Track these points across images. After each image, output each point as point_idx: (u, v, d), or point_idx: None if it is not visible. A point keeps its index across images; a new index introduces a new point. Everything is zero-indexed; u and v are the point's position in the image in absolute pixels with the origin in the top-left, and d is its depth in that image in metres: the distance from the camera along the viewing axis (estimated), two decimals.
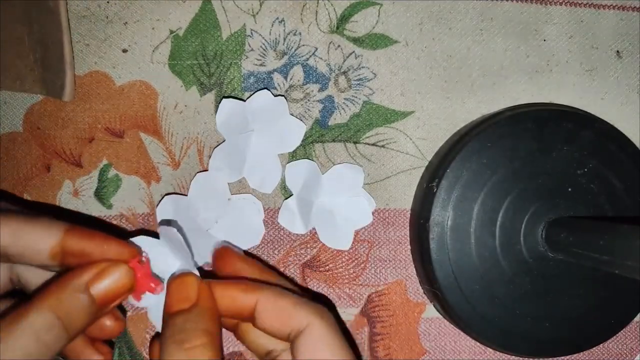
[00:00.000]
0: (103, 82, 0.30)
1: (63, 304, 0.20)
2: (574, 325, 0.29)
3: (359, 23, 0.31)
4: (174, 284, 0.22)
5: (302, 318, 0.22)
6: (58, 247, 0.21)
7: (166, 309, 0.22)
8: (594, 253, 0.24)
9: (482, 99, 0.32)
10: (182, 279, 0.22)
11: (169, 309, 0.21)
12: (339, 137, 0.31)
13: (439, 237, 0.28)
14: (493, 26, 0.32)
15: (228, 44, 0.31)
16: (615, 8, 0.33)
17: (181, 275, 0.22)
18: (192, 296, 0.22)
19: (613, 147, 0.29)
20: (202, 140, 0.31)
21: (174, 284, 0.22)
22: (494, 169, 0.28)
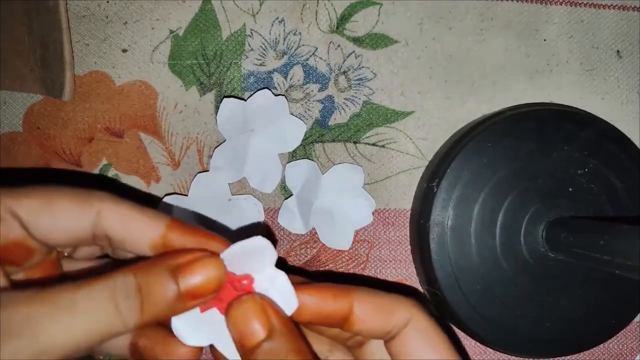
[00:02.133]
0: (103, 82, 0.30)
1: (147, 276, 0.18)
2: (575, 326, 0.29)
3: (359, 23, 0.31)
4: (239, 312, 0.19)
5: (405, 311, 0.21)
6: (160, 240, 0.20)
7: (241, 343, 0.19)
8: (594, 253, 0.24)
9: (483, 99, 0.32)
10: (246, 305, 0.19)
11: (245, 342, 0.19)
12: (339, 137, 0.31)
13: (439, 237, 0.28)
14: (493, 26, 0.32)
15: (228, 44, 0.31)
16: (616, 8, 0.33)
17: (243, 301, 0.19)
18: (267, 322, 0.19)
19: (613, 147, 0.29)
20: (202, 140, 0.31)
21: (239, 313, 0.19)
22: (494, 169, 0.28)
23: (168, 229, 0.20)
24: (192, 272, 0.19)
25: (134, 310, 0.17)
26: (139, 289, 0.18)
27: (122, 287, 0.17)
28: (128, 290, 0.17)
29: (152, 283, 0.18)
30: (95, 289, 0.17)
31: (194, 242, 0.20)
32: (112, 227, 0.19)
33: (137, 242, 0.20)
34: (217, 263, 0.19)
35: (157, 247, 0.20)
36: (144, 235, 0.20)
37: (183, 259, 0.19)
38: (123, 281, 0.17)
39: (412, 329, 0.21)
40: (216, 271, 0.19)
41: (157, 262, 0.19)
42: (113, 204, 0.20)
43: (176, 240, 0.20)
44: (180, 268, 0.18)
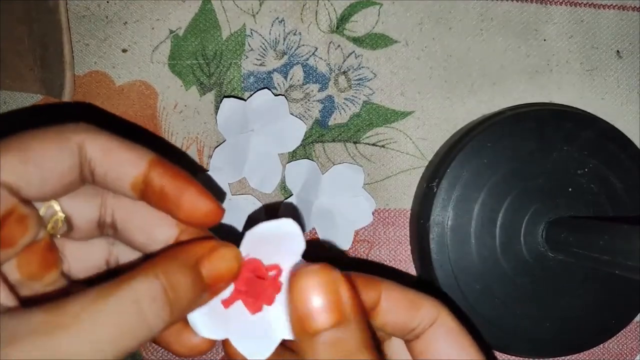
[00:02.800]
0: (103, 82, 0.30)
1: (171, 276, 0.16)
2: (574, 325, 0.29)
3: (358, 23, 0.31)
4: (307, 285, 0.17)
5: (432, 309, 0.20)
6: (141, 177, 0.18)
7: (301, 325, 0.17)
8: (594, 253, 0.24)
9: (482, 99, 0.32)
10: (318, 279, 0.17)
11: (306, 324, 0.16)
12: (339, 137, 0.31)
13: (439, 237, 0.28)
14: (493, 26, 0.32)
15: (228, 44, 0.31)
16: (615, 8, 0.33)
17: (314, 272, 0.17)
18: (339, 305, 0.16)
19: (613, 147, 0.29)
20: (202, 140, 0.31)
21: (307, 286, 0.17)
22: (494, 169, 0.28)
23: (151, 166, 0.18)
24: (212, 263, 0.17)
25: (162, 315, 0.16)
26: (165, 292, 0.16)
27: (146, 293, 0.16)
28: (154, 296, 0.16)
29: (178, 284, 0.16)
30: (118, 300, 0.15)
31: (174, 186, 0.18)
32: (95, 159, 0.18)
33: (118, 177, 0.18)
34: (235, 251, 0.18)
35: (137, 185, 0.18)
36: (126, 170, 0.18)
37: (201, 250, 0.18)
38: (148, 287, 0.16)
39: (439, 329, 0.20)
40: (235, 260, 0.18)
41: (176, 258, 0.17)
42: (93, 135, 0.18)
43: (157, 180, 0.18)
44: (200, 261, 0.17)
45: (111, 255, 0.21)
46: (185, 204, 0.18)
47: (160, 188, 0.18)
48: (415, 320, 0.20)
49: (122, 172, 0.18)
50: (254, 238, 0.18)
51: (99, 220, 0.20)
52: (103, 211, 0.20)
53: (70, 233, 0.20)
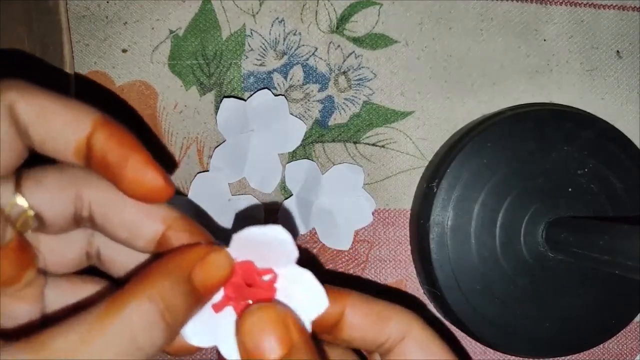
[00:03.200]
0: (102, 82, 0.30)
1: (167, 297, 0.15)
2: (574, 326, 0.29)
3: (358, 23, 0.31)
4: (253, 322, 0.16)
5: (402, 322, 0.19)
6: (84, 141, 0.16)
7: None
8: (594, 253, 0.24)
9: (482, 99, 0.32)
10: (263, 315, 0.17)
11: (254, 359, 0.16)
12: (339, 137, 0.31)
13: (439, 237, 0.28)
14: (493, 26, 0.32)
15: (228, 44, 0.31)
16: (615, 8, 0.33)
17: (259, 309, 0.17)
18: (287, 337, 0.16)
19: (613, 147, 0.29)
20: (202, 140, 0.31)
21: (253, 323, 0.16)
22: (494, 169, 0.28)
23: (95, 127, 0.16)
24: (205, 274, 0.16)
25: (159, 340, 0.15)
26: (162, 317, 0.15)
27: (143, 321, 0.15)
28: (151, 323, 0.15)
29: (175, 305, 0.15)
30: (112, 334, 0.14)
31: (117, 152, 0.16)
32: (31, 123, 0.16)
33: (58, 143, 0.16)
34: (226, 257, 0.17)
35: (80, 151, 0.16)
36: (66, 134, 0.16)
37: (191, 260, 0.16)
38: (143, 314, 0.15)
39: (410, 342, 0.19)
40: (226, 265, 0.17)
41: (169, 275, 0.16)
42: (27, 94, 0.16)
43: (99, 144, 0.16)
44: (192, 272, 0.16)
45: (91, 246, 0.19)
46: (128, 175, 0.16)
47: (102, 155, 0.16)
48: (384, 335, 0.19)
49: (62, 136, 0.16)
50: (242, 241, 0.17)
51: (74, 214, 0.18)
52: (79, 204, 0.18)
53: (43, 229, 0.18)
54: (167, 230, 0.18)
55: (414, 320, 0.20)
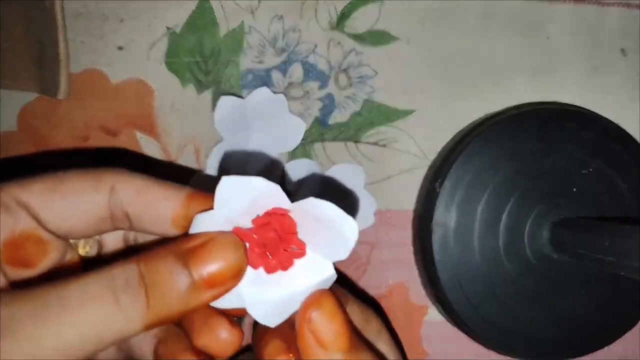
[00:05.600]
0: (98, 80, 0.30)
1: (151, 262, 0.16)
2: (579, 328, 0.29)
3: (359, 20, 0.31)
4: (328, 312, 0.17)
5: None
6: (181, 211, 0.18)
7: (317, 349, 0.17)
8: (598, 254, 0.24)
9: (485, 98, 0.32)
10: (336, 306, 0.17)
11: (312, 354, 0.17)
12: (339, 136, 0.31)
13: (442, 239, 0.28)
14: (496, 24, 0.32)
15: (226, 41, 0.30)
16: (620, 5, 0.33)
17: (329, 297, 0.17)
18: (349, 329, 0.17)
19: (618, 147, 0.29)
20: (199, 139, 0.30)
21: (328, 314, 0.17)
22: (497, 169, 0.28)
23: (189, 198, 0.18)
24: (206, 257, 0.16)
25: (138, 303, 0.15)
26: (141, 278, 0.15)
27: (121, 276, 0.15)
28: (129, 280, 0.15)
29: (157, 271, 0.15)
30: (89, 281, 0.15)
31: None
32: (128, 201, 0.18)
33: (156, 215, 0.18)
34: (235, 241, 0.16)
35: (179, 219, 0.18)
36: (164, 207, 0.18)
37: (194, 242, 0.16)
38: (122, 270, 0.15)
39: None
40: (235, 252, 0.16)
41: (163, 248, 0.16)
42: (127, 177, 0.18)
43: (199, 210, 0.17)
44: (191, 253, 0.16)
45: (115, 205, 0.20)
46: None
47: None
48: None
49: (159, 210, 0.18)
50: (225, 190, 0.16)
51: (124, 238, 0.20)
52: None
53: (101, 252, 0.20)
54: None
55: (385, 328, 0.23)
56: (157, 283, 0.15)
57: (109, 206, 0.18)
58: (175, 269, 0.16)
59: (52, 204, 0.17)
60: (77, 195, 0.17)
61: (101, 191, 0.18)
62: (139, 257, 0.16)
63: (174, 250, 0.16)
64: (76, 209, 0.17)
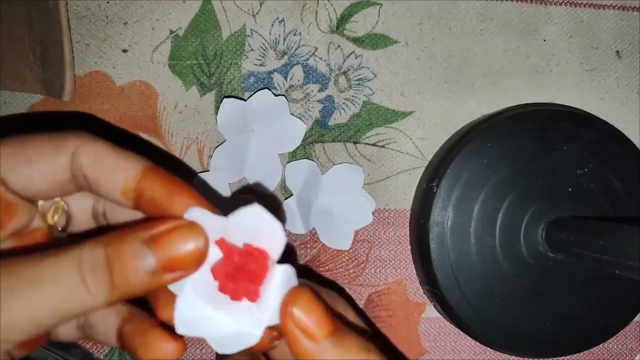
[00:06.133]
0: (103, 82, 0.30)
1: (117, 246, 0.16)
2: (574, 325, 0.29)
3: (359, 23, 0.31)
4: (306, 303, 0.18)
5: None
6: (132, 184, 0.18)
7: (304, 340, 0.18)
8: (594, 253, 0.24)
9: (482, 99, 0.32)
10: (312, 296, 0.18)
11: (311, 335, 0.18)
12: (339, 137, 0.31)
13: (439, 237, 0.28)
14: (493, 26, 0.32)
15: (228, 44, 0.31)
16: (615, 8, 0.33)
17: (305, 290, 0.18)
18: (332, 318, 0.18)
19: (613, 147, 0.29)
20: (202, 140, 0.31)
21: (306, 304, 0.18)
22: (494, 169, 0.28)
23: (144, 173, 0.18)
24: (168, 242, 0.17)
25: (103, 283, 0.16)
26: (107, 260, 0.16)
27: (89, 258, 0.16)
28: (95, 262, 0.16)
29: (122, 254, 0.16)
30: (61, 260, 0.16)
31: (165, 192, 0.18)
32: (87, 165, 0.18)
33: (109, 182, 0.18)
34: (197, 230, 0.17)
35: (127, 192, 0.18)
36: (117, 176, 0.18)
37: (158, 228, 0.17)
38: (90, 252, 0.16)
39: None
40: (195, 240, 0.17)
41: (129, 231, 0.17)
42: (90, 142, 0.18)
43: (148, 187, 0.18)
44: (155, 238, 0.17)
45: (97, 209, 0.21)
46: (176, 213, 0.18)
47: (151, 196, 0.18)
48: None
49: (113, 178, 0.18)
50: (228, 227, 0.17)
51: (93, 210, 0.20)
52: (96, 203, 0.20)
53: (68, 225, 0.20)
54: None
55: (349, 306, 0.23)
56: (122, 267, 0.16)
57: (70, 169, 0.18)
58: (140, 253, 0.17)
59: (17, 168, 0.18)
60: (40, 159, 0.18)
61: (62, 155, 0.18)
62: (107, 238, 0.17)
63: (141, 235, 0.17)
64: (40, 172, 0.18)
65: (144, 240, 0.17)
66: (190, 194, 0.18)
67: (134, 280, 0.17)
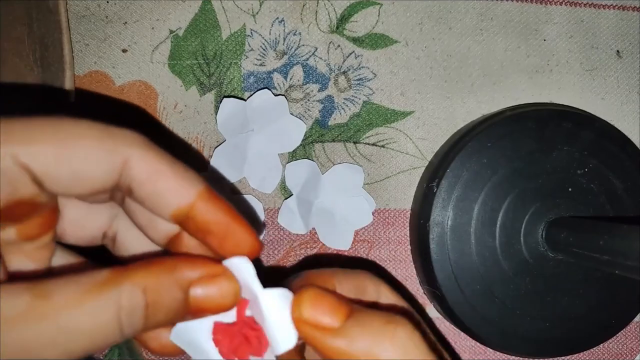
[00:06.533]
0: (103, 82, 0.30)
1: (158, 291, 0.16)
2: (574, 325, 0.29)
3: (358, 23, 0.31)
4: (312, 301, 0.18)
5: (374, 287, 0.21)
6: (186, 209, 0.17)
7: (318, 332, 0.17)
8: (594, 253, 0.24)
9: (482, 99, 0.32)
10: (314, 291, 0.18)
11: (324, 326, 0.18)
12: (338, 137, 0.31)
13: (439, 237, 0.28)
14: (493, 26, 0.32)
15: (228, 44, 0.31)
16: (615, 8, 0.33)
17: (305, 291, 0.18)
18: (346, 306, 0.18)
19: (613, 147, 0.29)
20: (202, 140, 0.31)
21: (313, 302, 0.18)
22: (494, 169, 0.28)
23: (199, 197, 0.17)
24: (206, 291, 0.17)
25: (137, 326, 0.16)
26: (146, 307, 0.16)
27: (128, 304, 0.15)
28: (134, 309, 0.15)
29: (160, 302, 0.16)
30: (99, 305, 0.15)
31: (221, 222, 0.17)
32: (139, 181, 0.16)
33: (160, 203, 0.17)
34: (235, 285, 0.17)
35: (180, 216, 0.17)
36: (171, 199, 0.17)
37: (199, 272, 0.17)
38: (130, 296, 0.15)
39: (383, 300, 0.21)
40: (232, 293, 0.17)
41: (171, 275, 0.16)
42: (144, 152, 0.16)
43: (202, 214, 0.17)
44: (194, 283, 0.17)
45: (110, 228, 0.20)
46: (229, 244, 0.18)
47: (205, 223, 0.17)
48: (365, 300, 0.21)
49: (166, 200, 0.17)
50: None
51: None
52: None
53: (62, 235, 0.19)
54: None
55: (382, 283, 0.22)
56: (156, 313, 0.16)
57: (116, 180, 0.16)
58: (176, 300, 0.16)
59: (59, 174, 0.15)
60: (87, 165, 0.16)
61: (114, 162, 0.16)
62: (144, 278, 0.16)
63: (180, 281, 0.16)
64: (84, 178, 0.16)
65: (184, 287, 0.16)
66: (246, 228, 0.18)
67: (164, 322, 0.16)
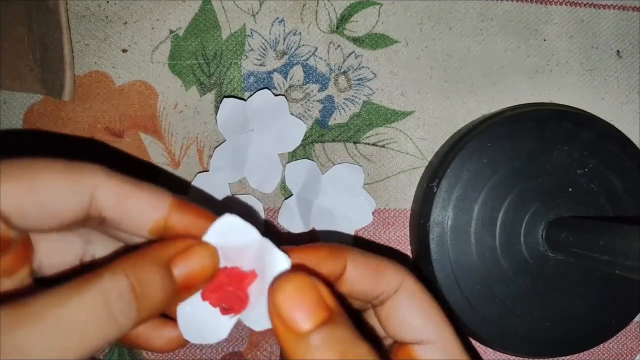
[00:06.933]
0: (103, 82, 0.30)
1: (140, 274, 0.16)
2: (574, 325, 0.29)
3: (358, 23, 0.31)
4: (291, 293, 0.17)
5: (396, 275, 0.20)
6: (162, 222, 0.18)
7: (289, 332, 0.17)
8: (594, 253, 0.24)
9: (482, 99, 0.32)
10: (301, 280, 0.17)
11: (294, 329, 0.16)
12: (339, 137, 0.31)
13: (439, 237, 0.28)
14: (493, 26, 0.32)
15: (228, 44, 0.31)
16: (615, 8, 0.33)
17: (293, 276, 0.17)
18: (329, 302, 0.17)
19: (613, 147, 0.29)
20: (202, 140, 0.31)
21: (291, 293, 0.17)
22: (494, 168, 0.28)
23: (172, 208, 0.18)
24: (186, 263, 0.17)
25: (130, 312, 0.16)
26: (132, 290, 0.16)
27: (113, 290, 0.15)
28: (121, 293, 0.16)
29: (146, 282, 0.16)
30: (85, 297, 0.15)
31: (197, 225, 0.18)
32: (108, 207, 0.17)
33: (135, 223, 0.18)
34: (210, 250, 0.18)
35: (158, 230, 0.18)
36: (145, 216, 0.17)
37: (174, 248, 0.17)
38: (112, 283, 0.15)
39: (402, 294, 0.20)
40: (210, 258, 0.18)
41: (146, 256, 0.17)
42: (108, 179, 0.17)
43: (179, 222, 0.18)
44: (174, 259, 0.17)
45: (85, 254, 0.20)
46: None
47: (185, 230, 0.18)
48: (380, 287, 0.20)
49: (139, 220, 0.18)
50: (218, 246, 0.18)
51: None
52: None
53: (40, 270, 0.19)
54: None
55: (407, 274, 0.21)
56: (146, 294, 0.16)
57: (86, 211, 0.17)
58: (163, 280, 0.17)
59: (26, 210, 0.16)
60: (53, 198, 0.16)
61: (80, 193, 0.17)
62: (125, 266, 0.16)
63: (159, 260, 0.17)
64: (51, 211, 0.16)
65: (163, 264, 0.17)
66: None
67: (157, 304, 0.17)
